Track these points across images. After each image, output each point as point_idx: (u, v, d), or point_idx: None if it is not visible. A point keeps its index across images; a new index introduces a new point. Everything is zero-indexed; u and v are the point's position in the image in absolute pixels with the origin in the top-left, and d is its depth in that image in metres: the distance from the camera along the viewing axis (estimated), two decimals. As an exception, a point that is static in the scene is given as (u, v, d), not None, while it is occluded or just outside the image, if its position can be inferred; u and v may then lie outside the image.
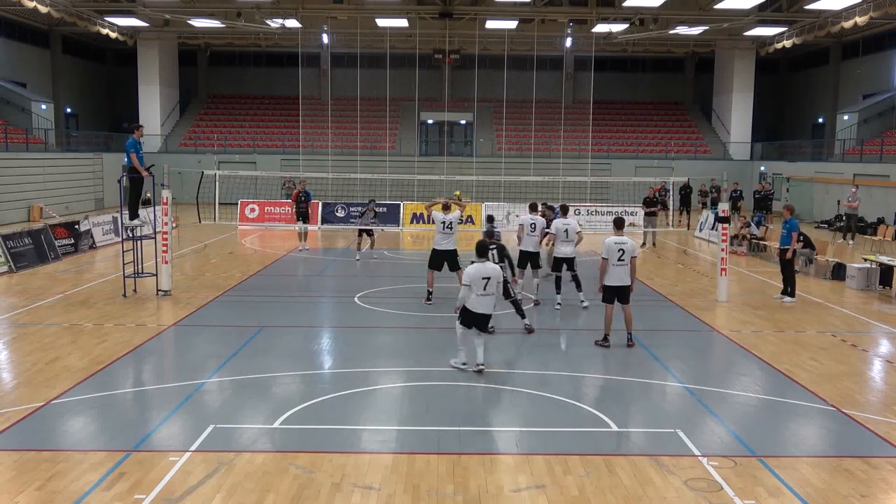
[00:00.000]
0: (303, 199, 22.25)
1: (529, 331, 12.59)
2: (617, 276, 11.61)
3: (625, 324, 11.82)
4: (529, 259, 15.07)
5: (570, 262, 14.73)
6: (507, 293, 12.02)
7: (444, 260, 14.73)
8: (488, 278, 10.18)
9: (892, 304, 16.01)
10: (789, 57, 46.56)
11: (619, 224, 12.06)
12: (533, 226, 14.89)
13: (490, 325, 11.07)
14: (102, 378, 10.01)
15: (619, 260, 11.56)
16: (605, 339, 11.84)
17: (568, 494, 6.78)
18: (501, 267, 11.98)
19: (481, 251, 10.57)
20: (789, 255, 15.73)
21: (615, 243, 11.60)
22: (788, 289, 15.92)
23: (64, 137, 39.70)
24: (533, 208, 15.50)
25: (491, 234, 13.51)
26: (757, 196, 30.10)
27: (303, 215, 22.38)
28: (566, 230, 14.63)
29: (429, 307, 14.52)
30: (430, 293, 14.85)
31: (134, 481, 6.88)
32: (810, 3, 32.10)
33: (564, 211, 15.54)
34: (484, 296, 10.18)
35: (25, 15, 37.09)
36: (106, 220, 24.12)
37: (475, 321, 10.27)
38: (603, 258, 11.71)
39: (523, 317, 12.69)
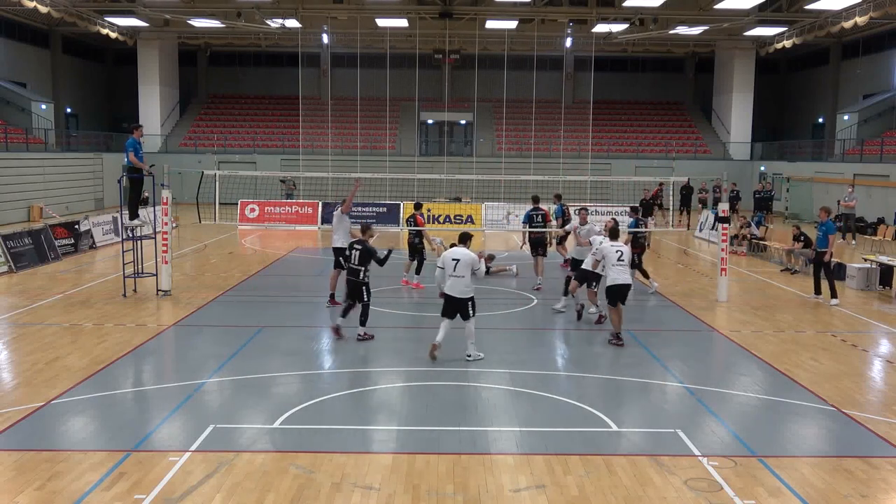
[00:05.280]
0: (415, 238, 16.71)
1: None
2: (620, 277, 11.94)
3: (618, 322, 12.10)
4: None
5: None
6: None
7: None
8: (458, 260, 10.77)
9: (892, 304, 16.00)
10: (789, 57, 46.55)
11: (614, 234, 12.51)
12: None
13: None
14: (102, 378, 10.01)
15: (618, 261, 11.94)
16: (618, 336, 12.02)
17: (568, 494, 6.78)
18: (364, 269, 11.92)
19: (461, 239, 11.29)
20: (827, 257, 15.55)
21: (612, 246, 12.12)
22: (830, 290, 15.72)
23: (64, 137, 39.69)
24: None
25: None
26: (757, 196, 30.10)
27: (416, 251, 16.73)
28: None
29: (428, 307, 14.51)
30: (332, 295, 14.87)
31: (134, 481, 6.88)
32: (810, 3, 32.09)
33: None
34: (454, 277, 10.78)
35: (25, 15, 37.07)
36: (106, 220, 24.12)
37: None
38: (596, 259, 12.44)
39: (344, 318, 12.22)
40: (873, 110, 38.37)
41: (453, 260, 10.82)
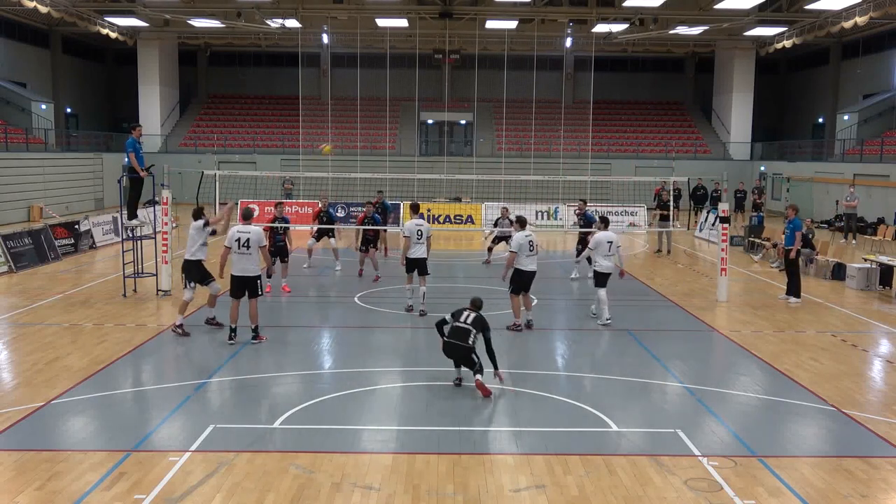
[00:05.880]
0: (324, 219, 18.92)
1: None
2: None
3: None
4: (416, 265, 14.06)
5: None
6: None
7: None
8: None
9: (892, 304, 16.01)
10: (789, 57, 46.54)
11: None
12: (420, 233, 13.90)
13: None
14: (102, 378, 10.01)
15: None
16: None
17: (568, 494, 6.78)
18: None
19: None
20: (793, 254, 15.75)
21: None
22: (793, 289, 15.87)
23: (64, 137, 39.69)
24: (415, 209, 14.71)
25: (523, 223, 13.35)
26: (738, 196, 30.17)
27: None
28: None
29: (429, 307, 14.49)
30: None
31: (134, 481, 6.88)
32: (810, 3, 32.09)
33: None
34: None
35: (25, 15, 37.07)
36: (106, 220, 24.13)
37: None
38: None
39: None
40: (873, 110, 38.36)
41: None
